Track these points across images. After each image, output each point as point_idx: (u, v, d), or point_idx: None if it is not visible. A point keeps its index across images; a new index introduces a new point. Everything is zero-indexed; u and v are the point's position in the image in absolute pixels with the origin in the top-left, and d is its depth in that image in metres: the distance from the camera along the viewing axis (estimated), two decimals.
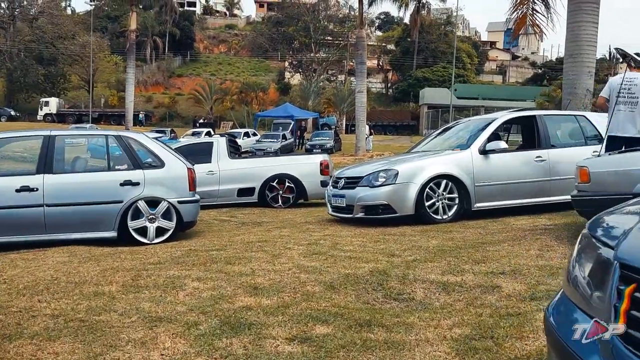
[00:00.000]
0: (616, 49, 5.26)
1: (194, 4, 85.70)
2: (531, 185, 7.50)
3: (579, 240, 1.81)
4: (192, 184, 7.16)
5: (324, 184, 10.49)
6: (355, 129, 27.89)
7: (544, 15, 12.29)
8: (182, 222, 6.97)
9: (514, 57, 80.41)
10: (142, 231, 6.75)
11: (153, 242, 6.71)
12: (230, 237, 6.89)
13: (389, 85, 66.48)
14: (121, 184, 6.70)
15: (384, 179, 7.12)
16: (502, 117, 7.97)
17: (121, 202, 6.68)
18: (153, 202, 6.82)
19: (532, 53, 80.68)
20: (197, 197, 7.33)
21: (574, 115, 8.46)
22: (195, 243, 6.44)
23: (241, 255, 5.28)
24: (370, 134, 31.36)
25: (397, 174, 7.07)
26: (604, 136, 7.88)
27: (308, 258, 5.07)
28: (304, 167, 10.90)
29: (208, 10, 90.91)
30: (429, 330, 3.06)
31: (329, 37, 62.24)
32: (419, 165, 7.23)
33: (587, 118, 8.32)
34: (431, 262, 4.69)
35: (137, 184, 6.75)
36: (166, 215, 6.87)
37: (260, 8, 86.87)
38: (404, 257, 4.97)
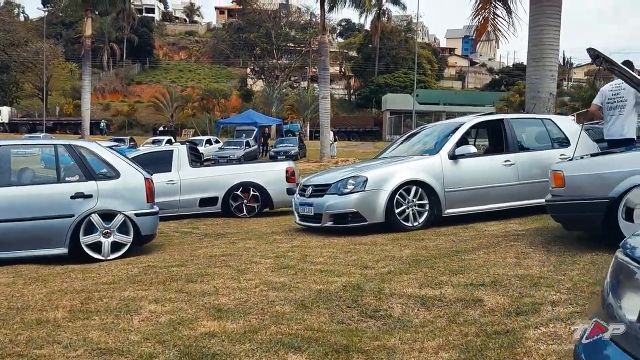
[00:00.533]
0: (589, 49, 5.15)
1: (152, 10, 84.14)
2: (501, 189, 7.37)
3: (612, 263, 1.57)
4: (150, 195, 6.74)
5: (290, 191, 10.16)
6: (320, 135, 27.65)
7: (505, 20, 12.33)
8: (139, 236, 6.55)
9: (472, 64, 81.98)
10: (96, 247, 6.30)
11: (108, 258, 6.27)
12: (192, 250, 6.51)
13: (352, 91, 66.72)
14: (72, 197, 6.23)
15: (352, 186, 6.86)
16: (470, 121, 7.83)
17: (72, 216, 6.21)
18: (108, 216, 6.38)
19: (490, 59, 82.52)
20: (155, 208, 6.91)
21: (541, 118, 8.40)
22: (154, 258, 6.04)
23: (204, 272, 4.92)
24: (335, 140, 31.20)
25: (366, 180, 6.82)
26: (570, 139, 7.90)
27: (276, 273, 4.75)
28: (269, 174, 10.56)
29: (167, 17, 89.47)
30: (413, 355, 2.79)
31: (290, 44, 62.07)
32: (388, 172, 7.00)
33: (553, 121, 8.27)
34: (406, 274, 4.43)
35: (90, 196, 6.29)
36: (122, 229, 6.43)
37: (220, 15, 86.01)
38: (378, 269, 4.70)
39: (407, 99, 48.35)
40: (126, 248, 6.41)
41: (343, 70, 67.74)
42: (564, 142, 7.95)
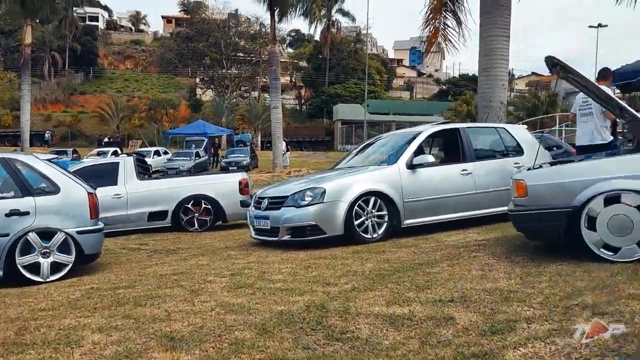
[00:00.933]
0: (547, 57, 5.11)
1: (96, 19, 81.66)
2: (459, 199, 7.31)
3: None
4: (94, 210, 6.30)
5: (244, 204, 9.84)
6: (272, 146, 27.33)
7: (455, 30, 12.46)
8: (82, 255, 6.11)
9: (420, 74, 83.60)
10: (34, 268, 5.81)
11: (47, 280, 5.80)
12: (140, 269, 6.10)
13: (303, 101, 66.71)
14: (7, 215, 5.73)
15: (310, 198, 6.63)
16: (427, 130, 7.77)
17: (7, 235, 5.71)
18: (47, 234, 5.91)
19: (436, 70, 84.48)
20: (100, 225, 6.48)
21: (495, 127, 8.45)
22: (98, 279, 5.61)
23: (154, 294, 4.56)
24: (287, 150, 30.94)
25: (325, 192, 6.60)
26: (523, 148, 7.97)
27: (233, 293, 4.45)
28: (221, 186, 10.18)
29: (112, 25, 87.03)
30: None
31: (240, 54, 61.52)
32: (347, 183, 6.81)
33: (507, 130, 8.34)
34: (371, 290, 4.22)
35: (27, 213, 5.81)
36: (63, 248, 5.97)
37: (168, 24, 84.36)
38: (341, 285, 4.47)
39: (358, 109, 48.71)
40: (67, 269, 5.97)
41: (293, 80, 67.68)
42: (518, 150, 8.00)
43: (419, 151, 7.43)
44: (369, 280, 4.58)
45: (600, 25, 41.98)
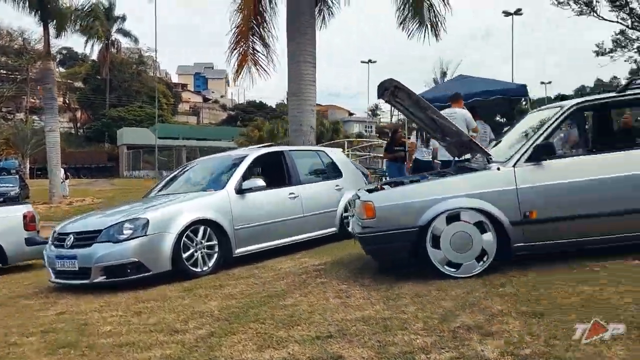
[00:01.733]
0: (386, 80, 5.11)
1: None
2: (289, 223, 7.12)
3: None
4: None
5: (30, 242, 8.27)
6: (48, 173, 24.10)
7: (264, 55, 12.45)
8: None
9: (205, 100, 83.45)
10: None
11: None
12: None
13: (79, 125, 61.09)
14: None
15: (131, 231, 5.72)
16: (253, 153, 7.44)
17: None
18: None
19: (222, 96, 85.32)
20: None
21: (316, 150, 8.53)
22: None
23: None
24: (67, 177, 27.69)
25: (148, 223, 5.77)
26: (342, 170, 8.16)
27: (55, 357, 3.47)
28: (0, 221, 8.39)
29: None
30: None
31: (2, 71, 53.92)
32: (172, 211, 6.07)
33: (326, 153, 8.49)
34: (234, 334, 3.67)
35: None
36: None
37: None
38: (193, 331, 3.82)
39: (145, 133, 46.32)
40: None
41: (67, 101, 61.57)
42: (338, 173, 8.17)
43: (246, 175, 7.06)
44: (223, 322, 4.00)
45: (370, 60, 46.95)
